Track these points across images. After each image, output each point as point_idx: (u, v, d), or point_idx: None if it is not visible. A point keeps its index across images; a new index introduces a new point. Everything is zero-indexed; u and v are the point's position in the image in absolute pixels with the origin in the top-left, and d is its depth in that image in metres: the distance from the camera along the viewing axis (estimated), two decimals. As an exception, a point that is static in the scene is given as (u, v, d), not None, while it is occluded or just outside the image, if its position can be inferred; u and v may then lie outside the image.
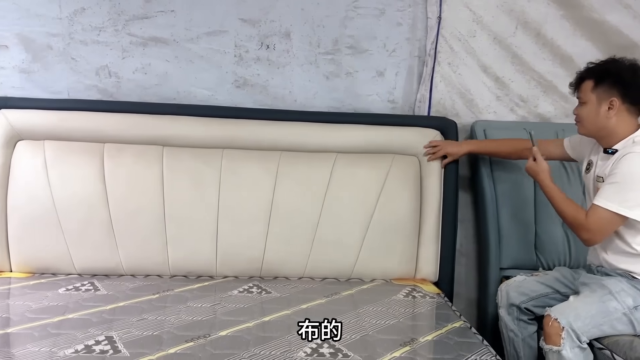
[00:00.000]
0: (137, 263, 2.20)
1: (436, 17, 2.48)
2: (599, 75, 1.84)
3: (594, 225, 1.78)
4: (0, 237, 2.17)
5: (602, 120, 1.84)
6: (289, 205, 2.24)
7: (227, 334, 1.68)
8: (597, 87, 1.83)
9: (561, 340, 1.72)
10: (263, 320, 1.80)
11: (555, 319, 1.75)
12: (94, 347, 1.53)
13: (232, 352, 1.55)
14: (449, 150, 2.31)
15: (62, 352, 1.49)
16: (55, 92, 2.40)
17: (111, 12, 2.36)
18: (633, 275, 1.83)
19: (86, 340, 1.57)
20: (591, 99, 1.85)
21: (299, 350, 1.57)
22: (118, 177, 2.20)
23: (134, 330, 1.67)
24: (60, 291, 1.99)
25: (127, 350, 1.53)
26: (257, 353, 1.55)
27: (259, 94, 2.47)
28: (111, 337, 1.60)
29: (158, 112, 2.31)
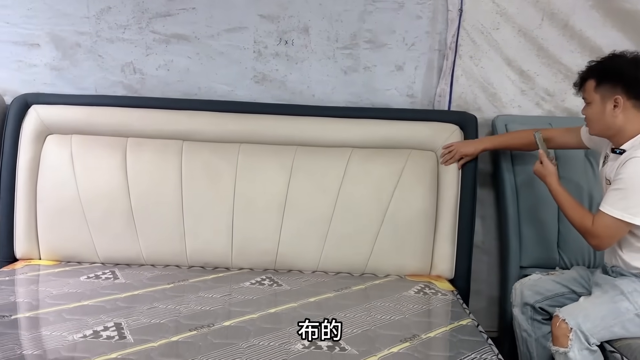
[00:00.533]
0: (157, 253, 2.28)
1: (457, 10, 2.44)
2: (600, 73, 1.79)
3: (601, 231, 1.74)
4: (29, 227, 2.29)
5: (609, 120, 1.77)
6: (303, 200, 2.26)
7: (231, 324, 1.72)
8: (599, 86, 1.78)
9: (569, 342, 1.68)
10: (269, 311, 1.83)
11: (564, 319, 1.71)
12: (101, 333, 1.60)
13: (232, 342, 1.59)
14: (464, 151, 2.27)
15: (71, 337, 1.57)
16: (83, 88, 2.50)
17: (135, 11, 2.44)
18: None
19: (96, 326, 1.65)
20: (595, 98, 1.80)
21: (297, 342, 1.60)
22: (139, 170, 2.28)
23: (142, 318, 1.73)
24: (81, 279, 2.08)
25: (133, 337, 1.59)
26: (256, 344, 1.58)
27: (278, 89, 2.50)
28: (120, 323, 1.67)
29: (179, 108, 2.37)
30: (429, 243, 2.30)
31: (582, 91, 1.86)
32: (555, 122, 2.44)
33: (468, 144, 2.29)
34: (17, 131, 2.32)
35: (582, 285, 1.96)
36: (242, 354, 1.51)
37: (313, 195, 2.26)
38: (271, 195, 2.26)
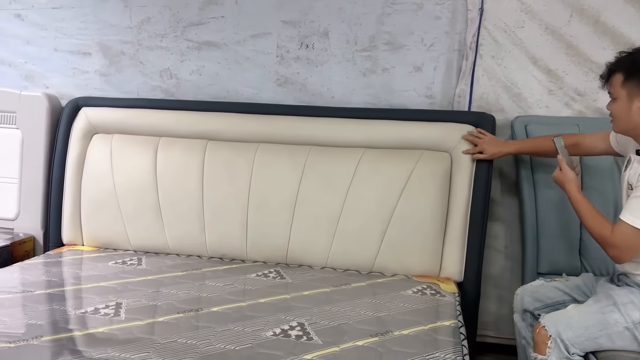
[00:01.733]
0: (180, 244, 2.47)
1: (478, 9, 2.40)
2: (629, 67, 1.65)
3: (620, 242, 1.62)
4: (74, 216, 2.57)
5: (635, 118, 1.65)
6: (312, 198, 2.34)
7: (218, 310, 1.85)
8: (627, 81, 1.64)
9: (547, 350, 1.63)
10: (258, 301, 1.94)
11: (544, 326, 1.65)
12: (100, 310, 1.80)
13: (209, 326, 1.71)
14: (485, 148, 2.21)
15: (74, 312, 1.78)
16: (127, 92, 2.76)
17: (171, 20, 2.65)
18: None
19: (99, 304, 1.85)
20: (621, 94, 1.66)
21: (270, 330, 1.69)
22: (167, 167, 2.48)
23: (143, 299, 1.91)
24: (109, 264, 2.32)
25: (125, 315, 1.77)
26: (231, 328, 1.70)
27: (299, 91, 2.61)
28: (120, 303, 1.86)
29: (205, 110, 2.55)
30: (438, 244, 2.30)
31: (608, 85, 1.72)
32: (585, 123, 2.33)
33: (495, 143, 2.21)
34: (68, 130, 2.61)
35: (584, 294, 1.87)
36: (213, 337, 1.63)
37: (322, 193, 2.34)
38: (283, 193, 2.37)
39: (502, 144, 2.23)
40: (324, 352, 1.56)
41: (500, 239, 2.55)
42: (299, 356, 1.53)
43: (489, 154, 2.22)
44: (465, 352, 1.61)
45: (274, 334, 1.67)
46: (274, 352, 1.55)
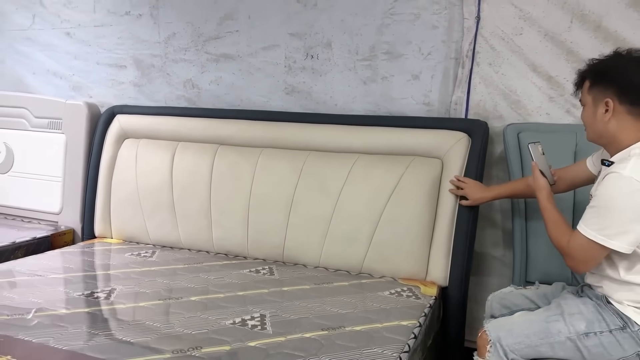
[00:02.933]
0: (191, 240, 2.70)
1: (474, 18, 2.43)
2: (595, 73, 1.64)
3: (574, 252, 1.59)
4: (105, 212, 2.88)
5: (600, 125, 1.62)
6: (307, 200, 2.48)
7: (196, 299, 2.03)
8: (592, 87, 1.64)
9: (487, 354, 1.66)
10: (237, 293, 2.10)
11: (485, 331, 1.68)
12: (94, 294, 2.04)
13: (180, 312, 1.90)
14: (469, 193, 2.21)
15: (72, 294, 2.03)
16: (156, 101, 3.04)
17: (193, 35, 2.90)
18: (610, 300, 1.63)
19: (95, 289, 2.10)
20: (588, 100, 1.66)
21: (231, 319, 1.85)
22: (181, 169, 2.72)
23: (136, 287, 2.14)
24: (125, 255, 2.59)
25: (115, 299, 2.01)
26: (198, 316, 1.87)
27: (305, 99, 2.75)
28: (114, 289, 2.10)
29: (219, 117, 2.77)
30: (425, 248, 2.34)
31: (580, 92, 1.71)
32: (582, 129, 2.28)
33: (477, 189, 2.20)
34: (103, 135, 2.93)
35: (549, 302, 1.86)
36: (177, 322, 1.81)
37: (316, 196, 2.47)
38: (281, 195, 2.52)
39: (484, 190, 2.21)
40: (269, 341, 1.69)
41: (499, 247, 2.54)
42: (244, 343, 1.67)
43: (472, 199, 2.21)
44: (406, 350, 1.67)
45: (233, 322, 1.82)
46: (224, 338, 1.70)
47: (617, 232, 1.51)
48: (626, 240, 1.51)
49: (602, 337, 1.59)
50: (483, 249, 2.56)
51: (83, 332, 1.70)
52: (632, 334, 1.57)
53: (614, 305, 1.61)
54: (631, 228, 1.50)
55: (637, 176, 1.49)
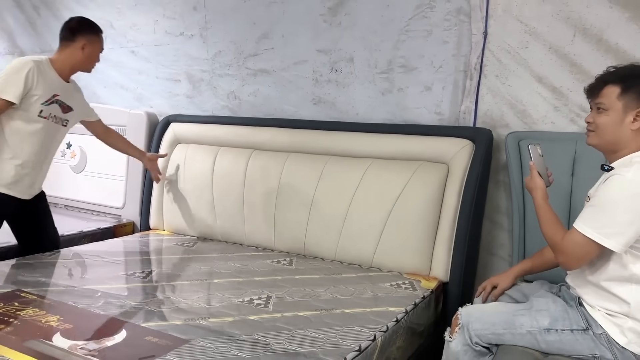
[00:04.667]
0: (228, 233, 3.06)
1: (482, 33, 2.62)
2: (628, 80, 1.64)
3: (568, 248, 1.63)
4: (158, 207, 3.31)
5: (623, 133, 1.64)
6: (325, 200, 2.76)
7: (218, 281, 2.36)
8: (624, 93, 1.63)
9: (455, 334, 1.86)
10: (254, 279, 2.41)
11: (458, 314, 1.88)
12: (134, 274, 2.43)
13: (201, 291, 2.24)
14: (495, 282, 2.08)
15: (117, 274, 2.43)
16: (204, 111, 3.44)
17: (235, 52, 3.27)
18: (582, 302, 1.74)
19: (130, 271, 2.49)
20: (616, 106, 1.64)
21: (242, 298, 2.16)
22: (220, 171, 3.09)
23: (172, 270, 2.54)
24: (171, 244, 2.99)
25: (155, 278, 2.39)
26: (215, 294, 2.20)
27: (329, 109, 3.04)
28: (153, 270, 2.50)
29: (254, 125, 3.12)
30: (429, 246, 2.55)
31: (598, 96, 1.69)
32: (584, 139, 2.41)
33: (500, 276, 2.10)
34: (159, 140, 3.37)
35: (527, 298, 2.01)
36: (196, 297, 2.16)
37: (333, 196, 2.74)
38: (302, 195, 2.82)
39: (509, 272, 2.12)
40: (266, 316, 1.99)
41: (505, 248, 2.69)
42: (245, 316, 1.98)
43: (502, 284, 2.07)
44: (384, 330, 1.91)
45: (242, 301, 2.14)
46: (230, 312, 2.01)
47: (614, 231, 1.57)
48: (621, 240, 1.57)
49: (562, 335, 1.72)
50: (490, 250, 2.72)
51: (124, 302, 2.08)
52: (594, 336, 1.68)
53: (585, 307, 1.72)
54: (627, 229, 1.56)
55: (639, 180, 1.56)
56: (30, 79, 2.36)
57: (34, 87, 2.38)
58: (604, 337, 1.66)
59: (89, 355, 1.61)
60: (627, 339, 1.63)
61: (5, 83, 2.34)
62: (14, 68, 2.37)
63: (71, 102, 2.58)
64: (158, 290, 2.26)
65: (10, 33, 4.23)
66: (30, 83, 2.36)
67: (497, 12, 2.59)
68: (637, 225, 1.56)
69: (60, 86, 2.51)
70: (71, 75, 2.58)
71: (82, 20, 2.56)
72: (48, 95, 2.44)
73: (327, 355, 1.69)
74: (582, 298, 1.74)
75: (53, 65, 2.49)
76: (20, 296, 2.07)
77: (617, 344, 1.64)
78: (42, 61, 2.45)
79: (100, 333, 1.79)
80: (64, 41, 2.51)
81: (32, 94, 2.38)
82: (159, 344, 1.72)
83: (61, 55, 2.51)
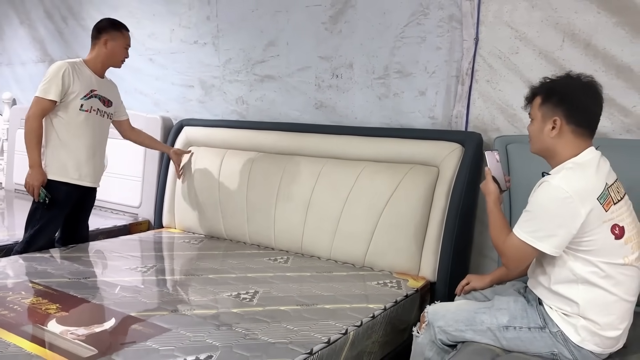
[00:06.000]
0: (231, 232, 3.20)
1: (473, 39, 2.68)
2: (547, 91, 1.76)
3: (508, 250, 1.73)
4: (171, 206, 3.49)
5: (546, 140, 1.75)
6: (321, 201, 2.87)
7: (212, 276, 2.50)
8: (543, 104, 1.75)
9: (421, 330, 1.94)
10: (247, 275, 2.54)
11: (426, 311, 1.96)
12: (138, 268, 2.60)
13: (193, 285, 2.39)
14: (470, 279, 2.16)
15: (126, 266, 2.61)
16: (215, 115, 3.61)
17: (244, 59, 3.43)
18: (542, 302, 1.78)
19: (142, 264, 2.66)
20: (537, 116, 1.78)
21: (230, 292, 2.29)
22: (226, 172, 3.24)
23: (167, 265, 2.70)
24: (179, 242, 3.15)
25: (155, 272, 2.55)
26: (206, 288, 2.34)
27: (330, 113, 3.15)
28: (155, 265, 2.66)
29: (259, 128, 3.26)
30: (418, 246, 2.63)
31: (529, 106, 1.82)
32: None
33: (477, 279, 2.16)
34: (173, 143, 3.55)
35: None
36: (189, 290, 2.31)
37: (329, 198, 2.85)
38: (300, 196, 2.94)
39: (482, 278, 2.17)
40: (248, 309, 2.11)
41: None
42: (229, 309, 2.11)
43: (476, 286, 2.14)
44: (358, 324, 2.00)
45: (230, 295, 2.27)
46: (216, 305, 2.15)
47: (545, 235, 1.64)
48: (552, 243, 1.64)
49: (520, 332, 1.78)
50: (482, 252, 2.77)
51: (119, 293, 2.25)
52: (551, 334, 1.73)
53: (544, 307, 1.77)
54: (557, 232, 1.63)
55: (564, 186, 1.64)
56: (67, 78, 2.69)
57: (71, 85, 2.70)
58: (560, 335, 1.71)
59: (77, 340, 1.77)
60: (580, 337, 1.68)
61: (47, 85, 2.68)
62: (52, 72, 2.70)
63: (110, 96, 2.91)
64: (154, 283, 2.42)
65: (42, 42, 4.52)
66: (67, 81, 2.69)
67: (488, 18, 2.64)
68: (567, 228, 1.62)
69: (97, 82, 2.83)
70: (104, 71, 2.90)
71: (106, 19, 2.91)
72: (86, 90, 2.77)
73: (296, 347, 1.79)
74: (542, 299, 1.79)
75: (87, 64, 2.82)
76: (29, 286, 2.26)
77: (572, 342, 1.69)
78: (76, 62, 2.80)
79: (92, 320, 1.95)
80: (93, 40, 2.84)
81: (71, 91, 2.71)
82: (143, 331, 1.87)
83: (92, 53, 2.85)
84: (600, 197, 1.64)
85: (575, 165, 1.68)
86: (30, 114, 2.69)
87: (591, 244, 1.65)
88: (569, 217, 1.62)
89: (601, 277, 1.66)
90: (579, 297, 1.66)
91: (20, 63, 4.80)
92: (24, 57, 4.75)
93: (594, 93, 1.72)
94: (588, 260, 1.66)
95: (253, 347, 1.78)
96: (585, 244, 1.65)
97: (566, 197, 1.61)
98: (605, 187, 1.66)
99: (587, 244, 1.65)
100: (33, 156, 2.70)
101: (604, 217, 1.64)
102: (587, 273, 1.67)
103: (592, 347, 1.68)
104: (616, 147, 2.22)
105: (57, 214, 2.81)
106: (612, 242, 1.66)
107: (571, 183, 1.63)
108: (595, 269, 1.66)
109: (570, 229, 1.62)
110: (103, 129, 2.92)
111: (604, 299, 1.67)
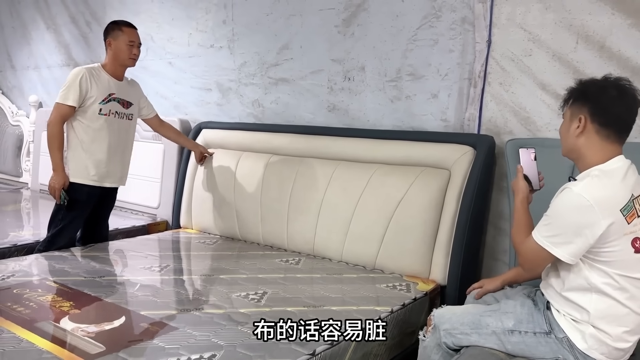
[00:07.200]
0: (245, 232, 3.24)
1: (485, 42, 2.67)
2: (576, 92, 1.73)
3: (525, 252, 1.72)
4: (188, 207, 3.55)
5: (572, 139, 1.70)
6: (333, 203, 2.88)
7: (224, 277, 2.54)
8: (573, 103, 1.72)
9: (427, 333, 1.95)
10: (257, 276, 2.57)
11: (432, 314, 1.96)
12: (153, 267, 2.66)
13: (206, 285, 2.43)
14: (483, 283, 2.16)
15: (142, 265, 2.67)
16: (232, 118, 3.66)
17: (259, 63, 3.47)
18: (550, 307, 1.77)
19: (156, 263, 2.72)
20: (567, 115, 1.75)
21: (240, 292, 2.32)
22: (242, 174, 3.28)
23: (180, 264, 2.75)
24: (195, 242, 3.21)
25: (168, 270, 2.60)
26: (217, 288, 2.38)
27: (343, 115, 3.17)
28: (164, 263, 2.71)
29: (273, 131, 3.30)
30: (428, 249, 2.62)
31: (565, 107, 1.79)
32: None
33: (491, 281, 2.16)
34: (190, 146, 3.61)
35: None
36: (202, 290, 2.36)
37: (340, 200, 2.86)
38: (313, 198, 2.96)
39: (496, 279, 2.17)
40: (255, 310, 2.14)
41: (508, 253, 2.71)
42: (237, 309, 2.14)
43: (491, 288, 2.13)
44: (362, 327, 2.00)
45: (239, 295, 2.30)
46: (224, 304, 2.18)
47: (561, 241, 1.61)
48: (568, 250, 1.61)
49: (525, 337, 1.76)
50: (494, 255, 2.75)
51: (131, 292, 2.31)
52: (557, 340, 1.71)
53: (552, 312, 1.75)
54: (574, 240, 1.59)
55: (586, 194, 1.57)
56: (84, 84, 2.77)
57: (89, 90, 2.79)
58: (566, 342, 1.69)
59: (86, 337, 1.83)
60: (587, 344, 1.66)
61: (66, 92, 2.77)
62: (70, 78, 2.79)
63: (130, 97, 2.98)
64: (166, 283, 2.47)
65: (67, 46, 4.65)
66: (85, 87, 2.78)
67: (500, 20, 2.63)
68: (585, 237, 1.59)
69: (115, 85, 2.91)
70: (121, 73, 2.96)
71: (110, 22, 2.95)
72: (104, 94, 2.85)
73: (298, 347, 1.81)
74: (551, 303, 1.78)
75: (104, 68, 2.91)
76: (46, 284, 2.34)
77: (578, 349, 1.67)
78: (94, 67, 2.88)
79: (103, 318, 2.00)
80: (105, 46, 2.93)
81: (89, 96, 2.80)
82: (150, 330, 1.91)
83: (106, 58, 2.94)
84: (624, 209, 1.60)
85: (601, 173, 1.63)
86: (51, 119, 2.78)
87: (610, 255, 1.61)
88: (587, 226, 1.58)
89: (615, 289, 1.63)
90: (591, 305, 1.64)
91: (46, 67, 4.95)
92: (49, 61, 4.90)
93: (625, 96, 1.65)
94: (604, 271, 1.63)
95: (257, 347, 1.80)
96: (604, 255, 1.62)
97: (587, 207, 1.57)
98: (631, 198, 1.61)
99: (606, 255, 1.62)
100: (55, 160, 2.78)
101: (626, 229, 1.60)
102: (601, 284, 1.63)
103: (599, 356, 1.65)
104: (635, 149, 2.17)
105: (78, 215, 2.89)
106: (632, 255, 1.62)
107: (593, 192, 1.58)
108: (611, 280, 1.63)
109: (589, 238, 1.59)
110: (124, 130, 2.98)
111: (615, 311, 1.64)
